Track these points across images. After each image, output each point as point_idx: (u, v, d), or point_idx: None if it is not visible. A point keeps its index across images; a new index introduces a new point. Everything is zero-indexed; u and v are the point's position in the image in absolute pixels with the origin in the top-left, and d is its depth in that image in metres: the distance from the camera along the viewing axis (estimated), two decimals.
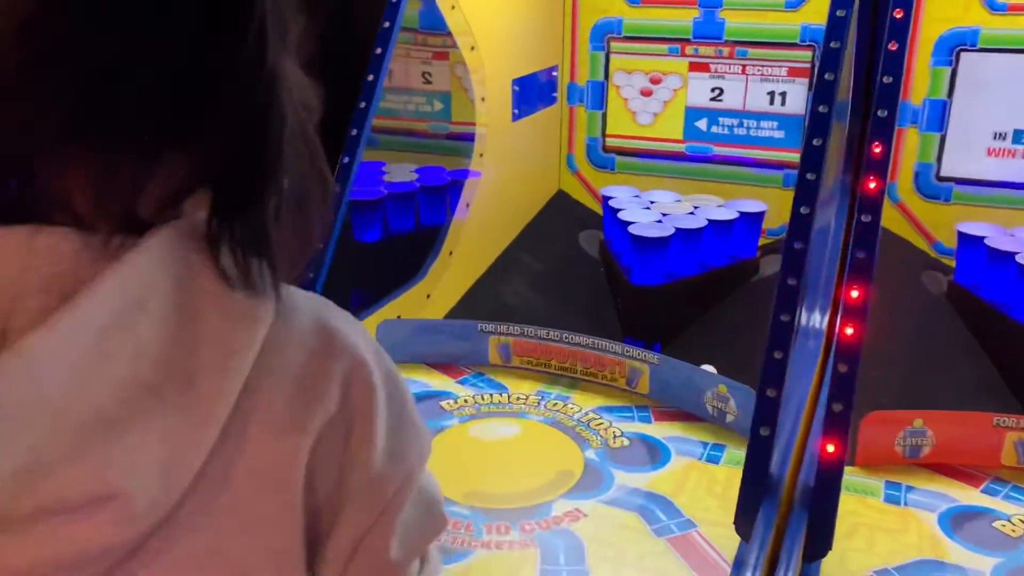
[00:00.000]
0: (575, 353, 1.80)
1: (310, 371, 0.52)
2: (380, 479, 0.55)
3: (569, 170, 2.46)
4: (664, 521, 1.36)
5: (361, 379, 0.54)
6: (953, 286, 1.97)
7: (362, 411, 0.54)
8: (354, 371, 0.54)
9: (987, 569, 1.24)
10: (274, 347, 0.51)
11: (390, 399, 0.56)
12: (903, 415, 1.48)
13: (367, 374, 0.55)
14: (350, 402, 0.53)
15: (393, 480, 0.55)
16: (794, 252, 1.36)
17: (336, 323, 0.55)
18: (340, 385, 0.53)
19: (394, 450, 0.55)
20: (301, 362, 0.52)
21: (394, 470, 0.56)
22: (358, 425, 0.54)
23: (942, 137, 2.07)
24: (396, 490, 0.56)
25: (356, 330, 0.57)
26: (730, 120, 2.27)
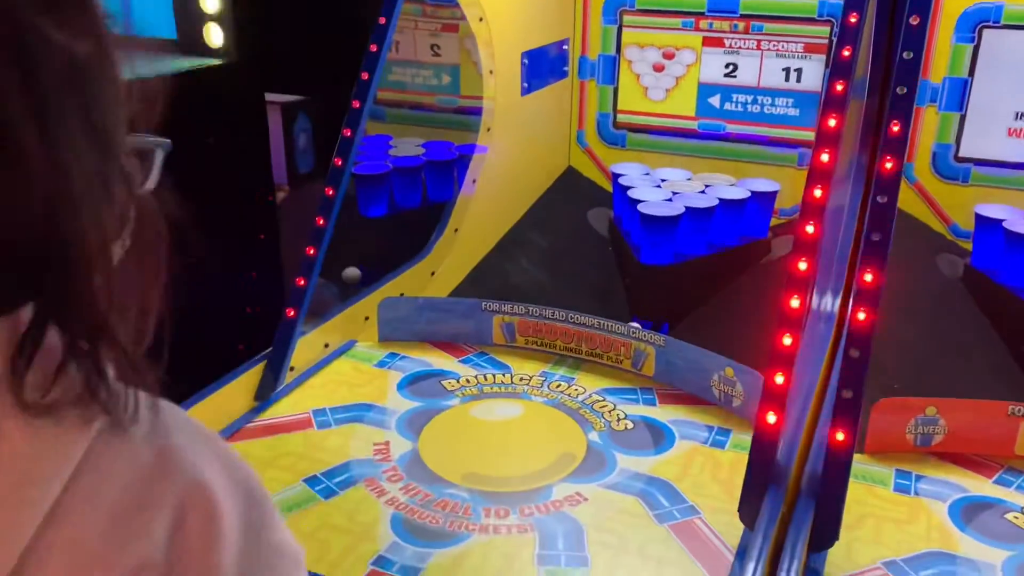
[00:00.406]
0: (580, 334, 1.77)
1: (134, 498, 0.45)
2: None
3: (579, 146, 2.41)
4: (666, 507, 1.33)
5: (198, 503, 0.46)
6: (969, 269, 1.92)
7: (197, 548, 0.46)
8: (191, 495, 0.46)
9: (998, 563, 1.20)
10: (96, 468, 0.44)
11: (242, 521, 0.48)
12: (915, 402, 1.45)
13: (208, 498, 0.47)
14: (183, 535, 0.46)
15: None
16: (807, 234, 1.32)
17: (176, 438, 0.48)
18: (170, 515, 0.46)
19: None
20: (123, 488, 0.45)
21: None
22: (194, 560, 0.46)
23: (961, 117, 2.02)
24: None
25: (203, 446, 0.49)
26: (744, 97, 2.22)
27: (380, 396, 1.65)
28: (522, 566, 1.20)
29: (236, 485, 0.49)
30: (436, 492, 1.36)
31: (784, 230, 2.14)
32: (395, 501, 1.34)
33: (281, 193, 2.52)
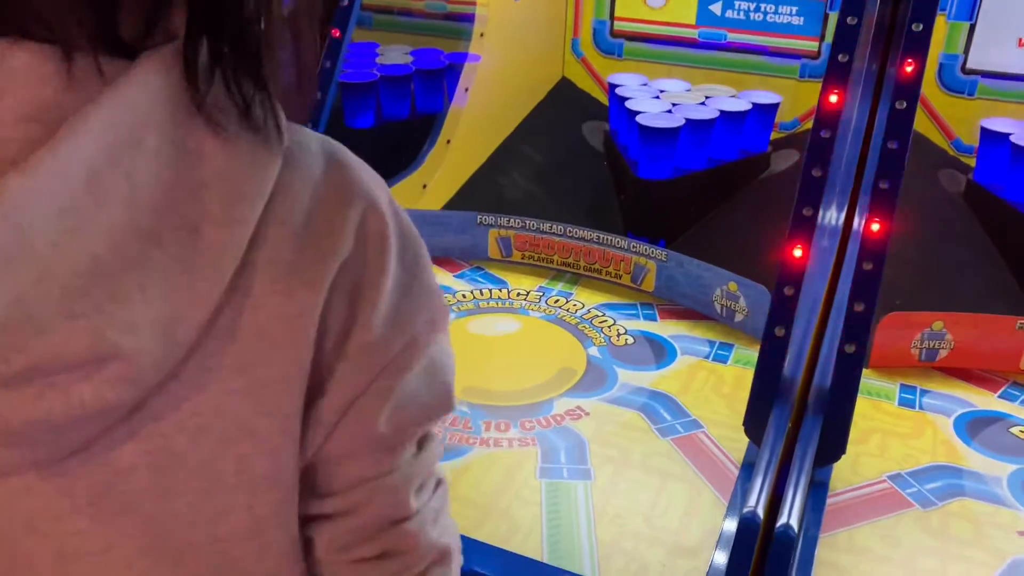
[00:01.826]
0: (578, 248, 1.72)
1: (323, 220, 0.47)
2: (380, 341, 0.49)
3: (574, 56, 2.32)
4: (669, 421, 1.31)
5: (376, 229, 0.49)
6: (972, 185, 1.88)
7: (372, 264, 0.48)
8: (369, 220, 0.49)
9: (1004, 475, 1.20)
10: (284, 192, 0.45)
11: (402, 255, 0.50)
12: (922, 316, 1.42)
13: (382, 225, 0.49)
14: (363, 253, 0.48)
15: (393, 344, 0.50)
16: (821, 141, 1.27)
17: (352, 168, 0.50)
18: (354, 234, 0.48)
19: (400, 312, 0.50)
20: (313, 210, 0.47)
21: (396, 333, 0.50)
22: (367, 279, 0.48)
23: (971, 27, 1.95)
24: (396, 356, 0.50)
25: (373, 178, 0.51)
26: (746, 4, 2.13)
27: None
28: (524, 479, 1.18)
29: (399, 221, 0.51)
30: None
31: (784, 144, 2.08)
32: None
33: None
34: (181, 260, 0.42)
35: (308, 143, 0.48)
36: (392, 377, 0.50)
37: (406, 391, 0.51)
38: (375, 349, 0.49)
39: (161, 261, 0.41)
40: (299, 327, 0.46)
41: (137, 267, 0.41)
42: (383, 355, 0.50)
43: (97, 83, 0.40)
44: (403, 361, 0.50)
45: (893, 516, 1.13)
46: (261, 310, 0.45)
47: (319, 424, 0.49)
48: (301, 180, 0.47)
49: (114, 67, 0.41)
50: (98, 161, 0.39)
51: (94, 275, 0.40)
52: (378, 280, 0.49)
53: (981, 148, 1.90)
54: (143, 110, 0.41)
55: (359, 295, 0.48)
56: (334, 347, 0.48)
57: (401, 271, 0.50)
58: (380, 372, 0.50)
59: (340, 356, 0.48)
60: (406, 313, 0.50)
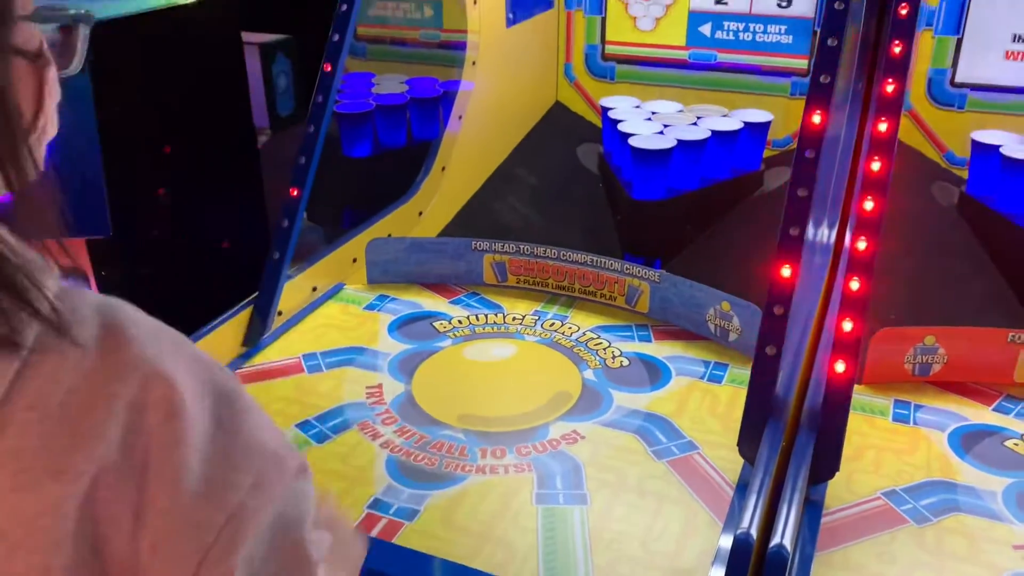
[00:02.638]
0: (573, 271, 1.74)
1: (83, 400, 0.42)
2: (191, 527, 0.43)
3: (567, 80, 2.35)
4: (664, 443, 1.32)
5: (159, 398, 0.44)
6: (965, 197, 1.89)
7: (159, 441, 0.43)
8: (150, 390, 0.43)
9: (999, 489, 1.20)
10: (38, 373, 0.41)
11: (210, 418, 0.45)
12: (914, 331, 1.43)
13: (169, 392, 0.44)
14: (142, 432, 0.43)
15: (210, 526, 0.44)
16: (805, 161, 1.29)
17: (130, 338, 0.45)
18: (125, 413, 0.43)
19: (211, 485, 0.44)
20: (74, 390, 0.42)
21: (211, 512, 0.44)
22: (154, 460, 0.43)
23: (958, 41, 1.96)
24: (216, 536, 0.44)
25: (160, 338, 0.46)
26: (735, 24, 2.16)
27: (371, 339, 1.62)
28: (521, 505, 1.19)
29: (201, 379, 0.46)
30: (431, 434, 1.34)
31: (777, 162, 2.10)
32: (390, 444, 1.32)
33: (262, 137, 2.45)
34: None
35: (82, 314, 0.44)
36: (222, 562, 0.44)
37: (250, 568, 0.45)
38: (188, 533, 0.43)
39: None
40: (44, 530, 0.40)
41: None
42: (202, 537, 0.43)
43: None
44: (231, 540, 0.44)
45: (888, 533, 1.14)
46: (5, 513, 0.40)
47: None
48: (61, 359, 0.42)
49: None
50: None
51: None
52: (171, 454, 0.43)
53: (972, 160, 1.91)
54: None
55: (145, 477, 0.42)
56: (130, 542, 0.42)
57: (206, 439, 0.45)
58: (204, 559, 0.43)
59: (144, 550, 0.42)
60: (223, 484, 0.44)
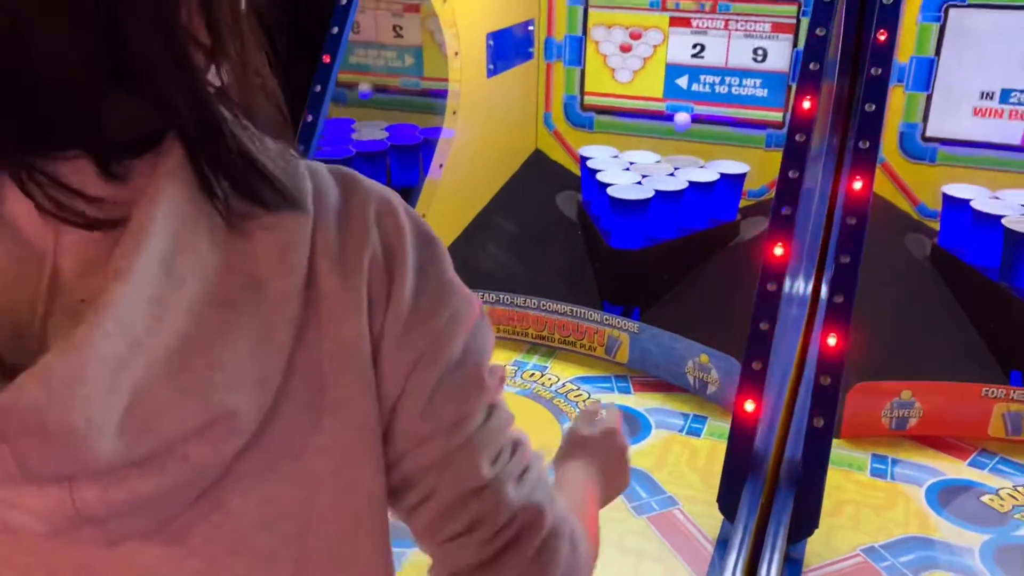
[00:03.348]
0: (553, 321, 1.74)
1: (353, 237, 0.51)
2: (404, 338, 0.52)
3: (546, 129, 2.37)
4: (645, 498, 1.32)
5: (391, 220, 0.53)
6: (937, 249, 1.92)
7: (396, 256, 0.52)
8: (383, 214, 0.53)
9: (976, 546, 1.21)
10: (319, 228, 0.50)
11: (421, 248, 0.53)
12: (890, 386, 1.44)
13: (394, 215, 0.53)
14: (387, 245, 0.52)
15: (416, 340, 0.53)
16: (782, 218, 1.31)
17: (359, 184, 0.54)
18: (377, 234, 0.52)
19: (421, 306, 0.53)
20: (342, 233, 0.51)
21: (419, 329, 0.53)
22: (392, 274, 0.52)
23: (928, 96, 2.01)
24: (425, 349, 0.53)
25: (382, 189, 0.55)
26: (712, 78, 2.20)
27: None
28: None
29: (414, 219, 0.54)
30: None
31: (753, 212, 2.12)
32: None
33: None
34: (255, 316, 0.47)
35: (320, 175, 0.53)
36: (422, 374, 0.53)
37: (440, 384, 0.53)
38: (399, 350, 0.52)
39: (239, 323, 0.46)
40: (354, 347, 0.51)
41: (221, 333, 0.46)
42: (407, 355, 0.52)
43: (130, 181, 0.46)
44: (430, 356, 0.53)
45: None
46: (326, 340, 0.50)
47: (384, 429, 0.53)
48: (327, 211, 0.51)
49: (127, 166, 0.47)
50: (169, 249, 0.45)
51: (188, 349, 0.45)
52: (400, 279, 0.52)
53: (944, 214, 1.94)
54: (187, 194, 0.46)
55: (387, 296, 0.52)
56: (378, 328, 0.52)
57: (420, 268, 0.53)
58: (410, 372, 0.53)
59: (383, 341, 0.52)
60: (426, 310, 0.53)
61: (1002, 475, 1.35)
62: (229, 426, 0.46)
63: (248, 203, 0.48)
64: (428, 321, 0.53)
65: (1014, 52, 1.92)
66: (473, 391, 0.55)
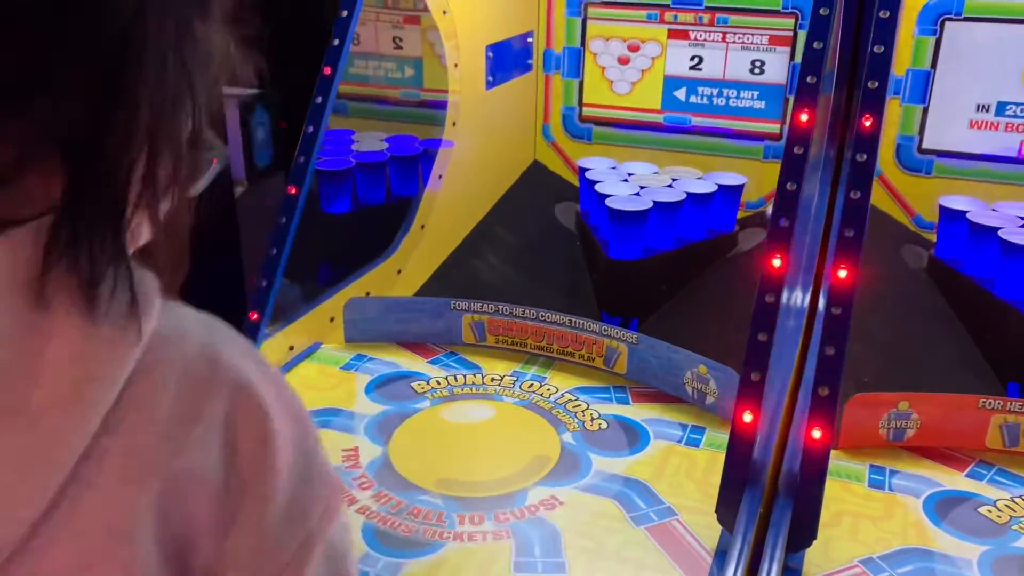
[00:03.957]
0: (552, 332, 1.74)
1: (185, 409, 0.45)
2: (272, 544, 0.46)
3: (545, 140, 2.38)
4: (643, 509, 1.32)
5: (253, 423, 0.46)
6: (934, 261, 1.93)
7: (253, 461, 0.46)
8: (241, 412, 0.46)
9: (974, 557, 1.21)
10: (149, 375, 0.44)
11: (294, 444, 0.47)
12: (888, 397, 1.45)
13: (261, 417, 0.47)
14: (236, 451, 0.45)
15: (288, 544, 0.47)
16: (780, 230, 1.31)
17: (226, 352, 0.48)
18: (222, 429, 0.45)
19: (293, 508, 0.47)
20: (176, 397, 0.45)
21: (290, 532, 0.47)
22: (247, 476, 0.46)
23: (924, 109, 2.03)
24: (291, 556, 0.47)
25: (250, 360, 0.49)
26: (709, 90, 2.21)
27: (348, 400, 1.61)
28: (499, 574, 1.18)
29: (288, 407, 0.48)
30: (408, 499, 1.33)
31: (751, 223, 2.13)
32: (366, 510, 1.31)
33: (240, 188, 2.46)
34: (16, 449, 0.40)
35: (185, 325, 0.47)
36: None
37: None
38: (266, 553, 0.46)
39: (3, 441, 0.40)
40: (147, 523, 0.43)
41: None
42: (276, 559, 0.47)
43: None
44: (300, 559, 0.47)
45: None
46: (108, 504, 0.43)
47: None
48: (169, 364, 0.45)
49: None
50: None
51: None
52: (262, 477, 0.46)
53: (940, 225, 1.95)
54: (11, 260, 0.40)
55: (239, 494, 0.45)
56: (213, 552, 0.45)
57: (291, 464, 0.47)
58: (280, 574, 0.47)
59: (224, 564, 0.45)
60: (300, 508, 0.47)
61: (1000, 486, 1.36)
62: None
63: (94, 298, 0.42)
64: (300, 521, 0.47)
65: (1010, 65, 1.93)
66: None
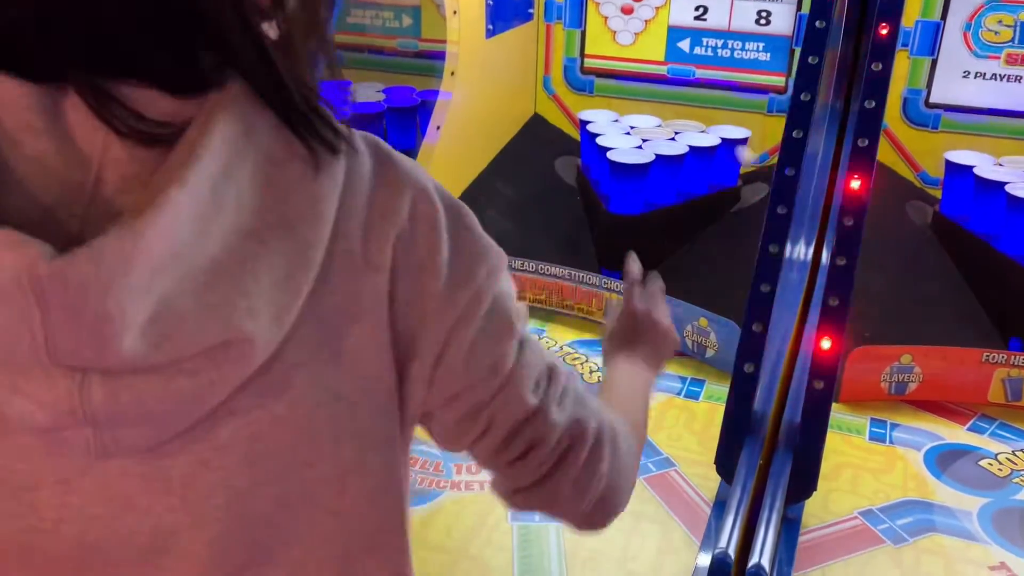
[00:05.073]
0: (550, 285, 1.73)
1: (380, 211, 0.54)
2: (446, 303, 0.56)
3: (545, 92, 2.34)
4: (641, 460, 1.31)
5: (424, 211, 0.55)
6: (938, 217, 1.91)
7: (425, 242, 0.55)
8: (418, 205, 0.55)
9: (973, 509, 1.20)
10: (349, 189, 0.52)
11: (453, 228, 0.56)
12: (890, 350, 1.43)
13: (430, 207, 0.56)
14: (415, 233, 0.55)
15: (459, 301, 0.56)
16: (785, 179, 1.29)
17: (395, 161, 0.56)
18: (408, 219, 0.54)
19: (458, 274, 0.56)
20: (371, 201, 0.53)
21: (459, 292, 0.56)
22: (425, 255, 0.55)
23: (933, 62, 1.99)
24: (463, 308, 0.56)
25: (415, 167, 0.57)
26: (714, 41, 2.17)
27: None
28: (496, 523, 1.17)
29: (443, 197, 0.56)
30: None
31: (754, 178, 2.10)
32: None
33: None
34: (281, 255, 0.48)
35: (355, 141, 0.54)
36: (464, 327, 0.57)
37: (481, 334, 0.57)
38: (444, 311, 0.56)
39: (266, 258, 0.48)
40: (368, 304, 0.53)
41: (248, 263, 0.47)
42: (451, 313, 0.56)
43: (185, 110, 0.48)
44: (470, 311, 0.56)
45: (865, 553, 1.13)
46: (338, 293, 0.52)
47: (418, 381, 0.57)
48: (359, 176, 0.53)
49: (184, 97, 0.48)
50: (218, 173, 0.46)
51: (217, 272, 0.46)
52: (434, 256, 0.55)
53: (946, 180, 1.93)
54: (243, 126, 0.48)
55: (421, 269, 0.55)
56: (408, 316, 0.55)
57: (452, 237, 0.56)
58: (453, 326, 0.56)
59: (417, 322, 0.55)
60: (465, 273, 0.56)
61: (1001, 440, 1.35)
62: (241, 351, 0.48)
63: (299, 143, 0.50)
64: (467, 282, 0.56)
65: None
66: (506, 334, 0.59)
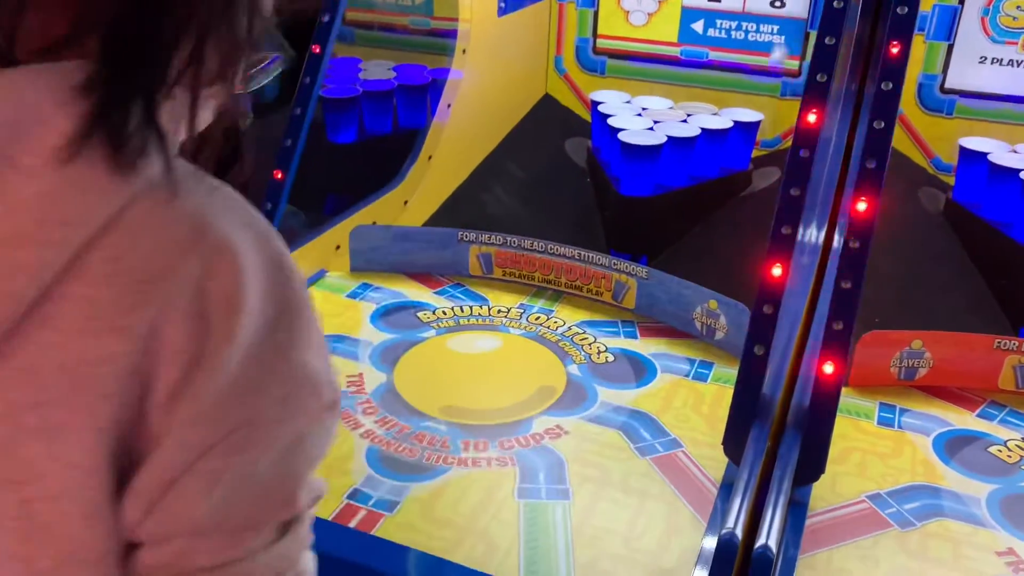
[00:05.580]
0: (560, 265, 1.72)
1: (157, 265, 0.43)
2: (212, 416, 0.45)
3: (557, 73, 2.33)
4: (648, 440, 1.31)
5: (224, 289, 0.44)
6: (951, 204, 1.89)
7: (215, 327, 0.44)
8: (216, 276, 0.44)
9: (982, 495, 1.20)
10: (126, 229, 0.43)
11: (269, 326, 0.45)
12: (901, 335, 1.42)
13: (235, 286, 0.45)
14: (203, 312, 0.44)
15: (228, 421, 0.45)
16: (799, 160, 1.28)
17: (216, 219, 0.46)
18: (192, 288, 0.44)
19: (244, 387, 0.45)
20: (154, 253, 0.43)
21: (233, 410, 0.45)
22: (208, 343, 0.44)
23: (949, 47, 1.97)
24: (229, 435, 0.45)
25: (247, 232, 0.47)
26: (728, 23, 2.14)
27: (353, 327, 1.59)
28: (503, 499, 1.17)
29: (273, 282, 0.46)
30: (413, 425, 1.32)
31: (766, 162, 2.09)
32: (371, 434, 1.30)
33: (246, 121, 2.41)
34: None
35: (191, 189, 0.45)
36: (221, 458, 0.45)
37: (241, 477, 0.46)
38: (205, 424, 0.45)
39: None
40: (99, 375, 0.43)
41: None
42: (213, 432, 0.45)
43: None
44: (238, 442, 0.45)
45: (872, 537, 1.13)
46: (67, 348, 0.43)
47: (138, 495, 0.45)
48: (159, 222, 0.44)
49: None
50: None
51: None
52: (220, 347, 0.44)
53: (960, 167, 1.91)
54: None
55: (196, 359, 0.44)
56: (158, 410, 0.44)
57: (260, 341, 0.45)
58: (208, 450, 0.45)
59: (166, 424, 0.44)
60: (252, 389, 0.45)
61: (1011, 427, 1.34)
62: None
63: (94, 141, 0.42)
64: (250, 395, 0.45)
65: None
66: (276, 502, 0.48)
